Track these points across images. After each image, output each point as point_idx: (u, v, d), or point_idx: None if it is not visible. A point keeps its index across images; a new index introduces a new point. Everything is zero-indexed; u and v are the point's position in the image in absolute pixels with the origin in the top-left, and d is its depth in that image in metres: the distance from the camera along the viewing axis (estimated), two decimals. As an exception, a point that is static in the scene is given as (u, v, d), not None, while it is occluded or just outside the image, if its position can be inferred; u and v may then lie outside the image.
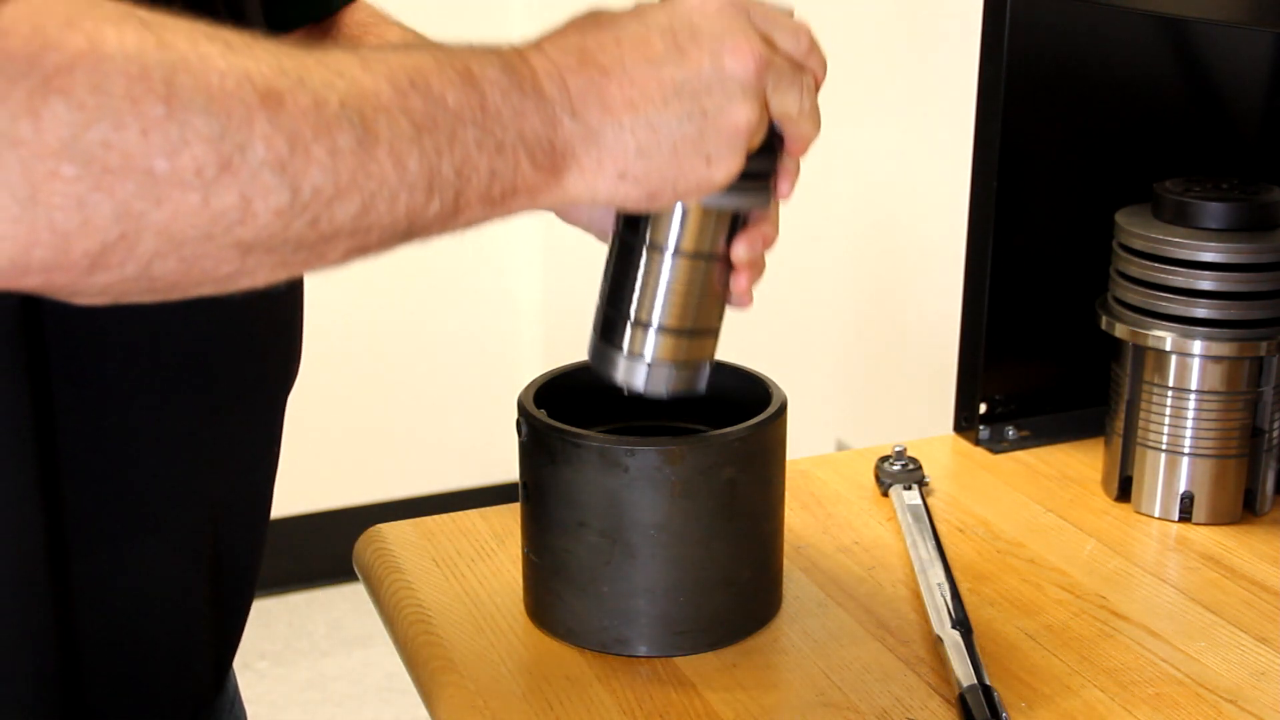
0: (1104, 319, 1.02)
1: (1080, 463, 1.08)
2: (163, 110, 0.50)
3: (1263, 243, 0.96)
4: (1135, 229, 0.99)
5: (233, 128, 0.52)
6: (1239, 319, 0.96)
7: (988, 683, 0.78)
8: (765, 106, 0.66)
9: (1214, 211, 0.97)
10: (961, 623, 0.83)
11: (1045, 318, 1.12)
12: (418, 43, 0.62)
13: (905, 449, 1.03)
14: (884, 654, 0.83)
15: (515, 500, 0.86)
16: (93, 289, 0.53)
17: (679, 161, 0.64)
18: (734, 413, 0.82)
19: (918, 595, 0.88)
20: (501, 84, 0.61)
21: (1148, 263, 0.98)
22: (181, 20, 0.53)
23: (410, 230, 0.59)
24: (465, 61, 0.61)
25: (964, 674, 0.78)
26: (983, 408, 1.11)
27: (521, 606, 0.87)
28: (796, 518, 0.98)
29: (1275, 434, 1.00)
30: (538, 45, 0.64)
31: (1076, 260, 1.10)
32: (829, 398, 1.98)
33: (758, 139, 0.67)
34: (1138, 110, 1.09)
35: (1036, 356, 1.13)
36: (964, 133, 1.09)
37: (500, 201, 0.61)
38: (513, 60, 0.62)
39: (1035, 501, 1.02)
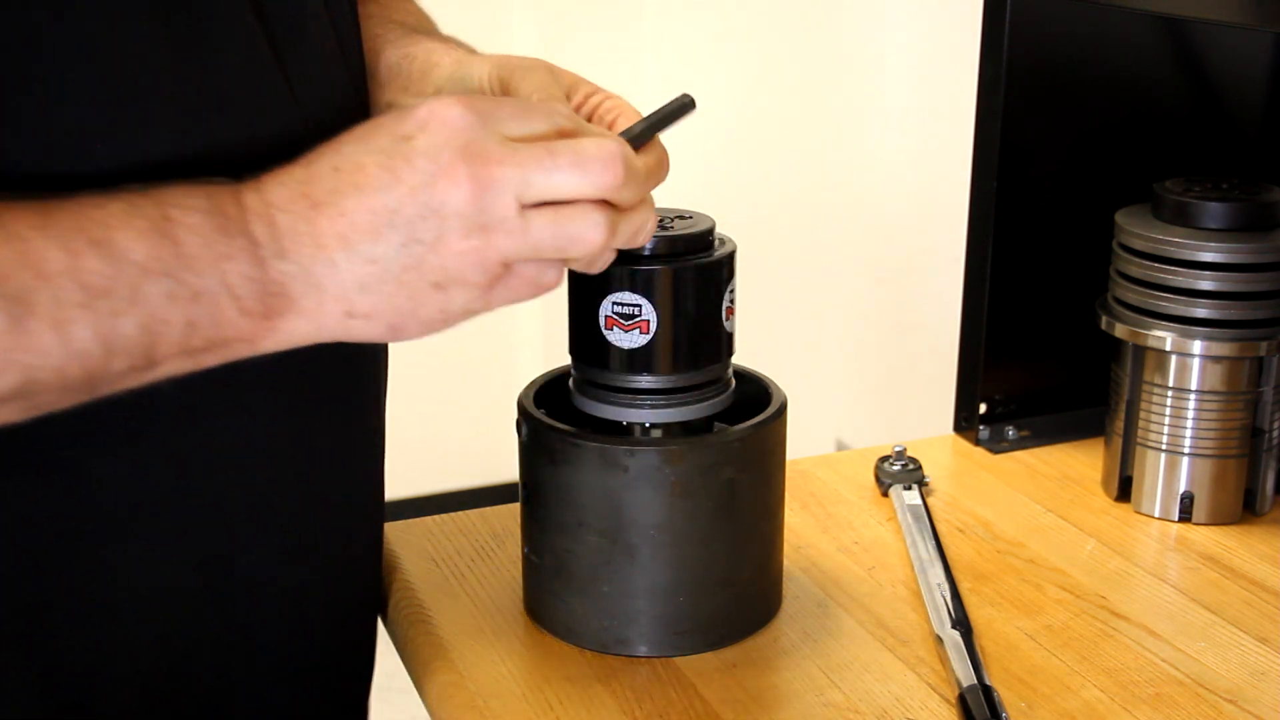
0: (1104, 319, 1.01)
1: (1080, 463, 1.08)
2: None
3: (1263, 243, 0.96)
4: (1135, 229, 0.99)
5: None
6: (1239, 319, 0.96)
7: (988, 683, 0.78)
8: (510, 227, 0.60)
9: (1214, 211, 0.97)
10: (961, 623, 0.83)
11: (1045, 318, 1.12)
12: (120, 190, 0.58)
13: (905, 449, 1.03)
14: (884, 654, 0.83)
15: (515, 500, 0.86)
16: None
17: (409, 292, 0.60)
18: (734, 413, 0.83)
19: (918, 595, 0.88)
20: (202, 229, 0.58)
21: (1148, 263, 0.98)
22: None
23: (94, 386, 0.58)
24: (164, 208, 0.58)
25: (964, 674, 0.78)
26: (983, 408, 1.11)
27: (521, 606, 0.87)
28: (796, 518, 0.98)
29: (1275, 434, 1.00)
30: (260, 180, 0.61)
31: (1076, 260, 1.10)
32: (829, 398, 1.98)
33: (536, 254, 0.61)
34: (1138, 110, 1.09)
35: (1036, 356, 1.13)
36: (964, 133, 1.09)
37: (206, 350, 0.59)
38: (222, 201, 0.59)
39: (1035, 501, 1.02)
